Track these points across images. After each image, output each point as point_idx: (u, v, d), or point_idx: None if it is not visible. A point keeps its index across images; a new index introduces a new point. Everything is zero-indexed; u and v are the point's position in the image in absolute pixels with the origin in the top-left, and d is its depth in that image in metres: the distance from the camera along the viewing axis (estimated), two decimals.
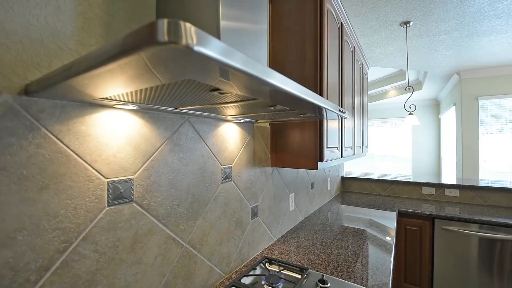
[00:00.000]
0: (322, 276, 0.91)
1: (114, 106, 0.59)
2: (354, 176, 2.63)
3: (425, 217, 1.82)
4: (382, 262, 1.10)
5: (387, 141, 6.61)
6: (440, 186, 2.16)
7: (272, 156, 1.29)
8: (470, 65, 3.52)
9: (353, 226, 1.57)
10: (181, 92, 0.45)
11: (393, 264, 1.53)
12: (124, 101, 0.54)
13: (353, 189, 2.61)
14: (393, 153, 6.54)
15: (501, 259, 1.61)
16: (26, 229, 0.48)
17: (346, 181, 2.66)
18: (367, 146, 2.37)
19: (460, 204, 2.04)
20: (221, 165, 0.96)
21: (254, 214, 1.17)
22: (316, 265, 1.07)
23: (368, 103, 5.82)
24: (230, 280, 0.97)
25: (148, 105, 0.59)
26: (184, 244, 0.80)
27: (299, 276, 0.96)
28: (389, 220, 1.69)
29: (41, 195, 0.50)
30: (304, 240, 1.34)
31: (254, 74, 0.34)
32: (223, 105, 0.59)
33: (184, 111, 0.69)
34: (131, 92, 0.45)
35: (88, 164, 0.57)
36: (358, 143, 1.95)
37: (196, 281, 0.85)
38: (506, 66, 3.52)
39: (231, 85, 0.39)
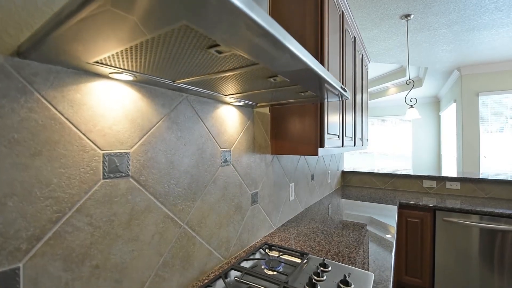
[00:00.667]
0: (323, 260, 0.90)
1: (110, 75, 0.57)
2: (354, 170, 2.61)
3: (426, 209, 1.81)
4: (384, 247, 1.08)
5: (388, 139, 6.60)
6: (441, 179, 2.15)
7: (272, 143, 1.27)
8: (471, 61, 3.51)
9: (355, 214, 1.55)
10: (176, 53, 0.43)
11: (395, 256, 1.51)
12: (119, 68, 0.52)
13: (354, 183, 2.59)
14: (393, 151, 6.53)
15: (502, 250, 1.59)
16: (17, 195, 0.46)
17: (346, 175, 2.64)
18: (367, 139, 2.36)
19: (461, 197, 2.02)
20: (220, 148, 0.95)
21: (254, 200, 1.15)
22: (317, 251, 1.05)
23: (369, 101, 5.81)
24: (229, 264, 0.95)
25: (145, 75, 0.57)
26: (182, 224, 0.79)
27: (299, 261, 0.94)
28: (390, 211, 1.68)
29: (33, 161, 0.48)
30: (305, 229, 1.33)
31: (271, 32, 0.33)
32: (221, 75, 0.57)
33: (182, 86, 0.67)
34: (125, 56, 0.44)
35: (83, 134, 0.55)
36: (358, 135, 1.93)
37: (195, 263, 0.83)
38: (507, 62, 3.51)
39: (235, 40, 0.37)
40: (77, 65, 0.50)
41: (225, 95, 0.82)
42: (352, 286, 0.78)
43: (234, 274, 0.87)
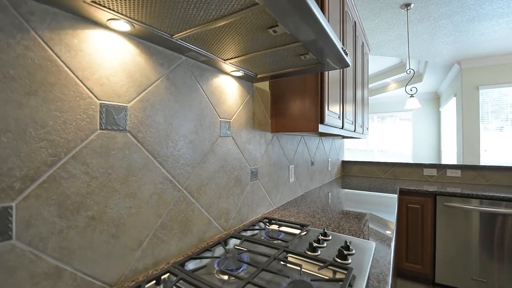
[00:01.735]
0: (324, 230, 0.89)
1: (108, 24, 0.56)
2: (355, 160, 2.60)
3: (427, 194, 1.80)
4: (385, 226, 1.07)
5: (388, 136, 6.59)
6: (441, 167, 2.14)
7: (272, 121, 1.26)
8: (471, 54, 3.51)
9: (355, 196, 1.54)
10: None
11: (395, 241, 1.50)
12: (117, 13, 0.51)
13: (354, 173, 2.58)
14: (393, 149, 6.52)
15: (502, 233, 1.58)
16: (11, 132, 0.45)
17: (346, 165, 2.63)
18: (367, 128, 2.35)
19: (462, 184, 2.01)
20: (220, 118, 0.94)
21: (254, 176, 1.14)
22: (317, 225, 1.04)
23: (369, 97, 5.82)
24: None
25: (142, 25, 0.56)
26: (181, 188, 0.77)
27: (299, 232, 0.93)
28: (391, 198, 1.66)
29: (28, 100, 0.47)
30: (305, 208, 1.32)
31: None
32: (218, 24, 0.56)
33: (180, 43, 0.66)
34: None
35: (80, 80, 0.54)
36: (359, 121, 1.92)
37: (194, 230, 0.82)
38: (507, 55, 3.51)
39: None
40: (74, 6, 0.50)
41: (224, 61, 0.82)
42: (353, 251, 0.77)
43: (233, 242, 0.85)
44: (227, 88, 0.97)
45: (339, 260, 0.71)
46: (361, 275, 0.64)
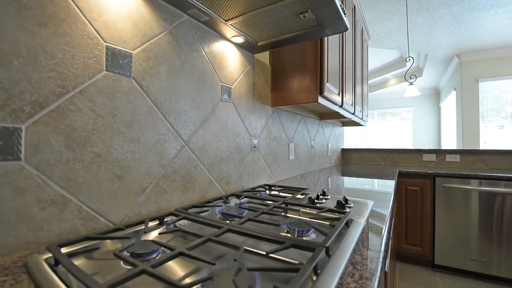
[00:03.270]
0: (323, 190, 0.90)
1: None
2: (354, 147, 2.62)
3: (426, 176, 1.81)
4: (385, 200, 1.08)
5: (387, 134, 6.60)
6: (440, 152, 2.15)
7: (272, 95, 1.28)
8: (470, 46, 3.53)
9: (356, 179, 1.56)
10: None
11: (394, 221, 1.52)
12: None
13: (354, 161, 2.60)
14: (393, 146, 6.52)
15: (501, 212, 1.59)
16: (22, 57, 0.47)
17: (346, 153, 2.65)
18: (367, 116, 2.36)
19: (461, 169, 2.02)
20: (221, 82, 0.96)
21: (254, 146, 1.16)
22: (317, 189, 1.06)
23: (369, 93, 5.82)
24: None
25: None
26: (183, 143, 0.79)
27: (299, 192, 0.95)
28: (391, 182, 1.68)
29: (39, 30, 0.49)
30: (304, 182, 1.33)
31: None
32: None
33: None
34: None
35: (87, 20, 0.56)
36: (358, 104, 1.94)
37: (196, 187, 0.84)
38: (506, 48, 3.54)
39: None
40: None
41: (225, 21, 0.84)
42: (352, 205, 0.78)
43: (235, 201, 0.87)
44: (228, 55, 0.99)
45: (337, 209, 0.72)
46: (358, 220, 0.65)
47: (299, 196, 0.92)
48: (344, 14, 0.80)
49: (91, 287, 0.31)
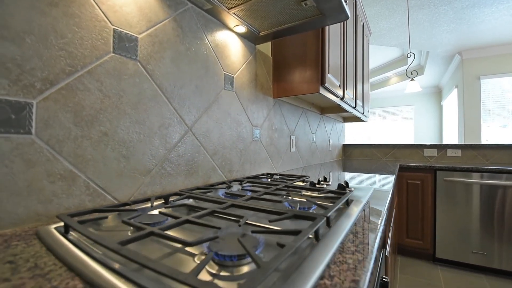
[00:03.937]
0: (324, 176, 0.91)
1: None
2: (355, 143, 2.63)
3: (427, 170, 1.82)
4: (385, 191, 1.10)
5: (389, 133, 6.59)
6: (442, 147, 2.16)
7: (274, 87, 1.30)
8: (472, 43, 3.53)
9: (357, 173, 1.57)
10: None
11: (394, 216, 1.52)
12: None
13: (355, 156, 2.60)
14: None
15: (503, 205, 1.59)
16: (34, 35, 0.49)
17: (347, 149, 2.66)
18: (368, 111, 2.37)
19: (463, 163, 2.02)
20: (223, 71, 0.97)
21: (256, 136, 1.17)
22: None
23: (370, 92, 5.82)
24: None
25: None
26: (187, 128, 0.81)
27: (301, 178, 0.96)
28: (391, 175, 1.69)
29: (50, 10, 0.51)
30: (305, 173, 1.34)
31: None
32: None
33: None
34: None
35: (95, 3, 0.58)
36: (359, 99, 1.95)
37: (199, 172, 0.85)
38: (507, 45, 3.53)
39: None
40: None
41: (228, 10, 0.85)
42: (352, 189, 0.79)
43: (237, 187, 0.88)
44: (231, 45, 1.01)
45: (338, 190, 0.73)
46: (359, 200, 0.67)
47: (300, 183, 0.93)
48: (345, 1, 0.81)
49: (102, 243, 0.33)
